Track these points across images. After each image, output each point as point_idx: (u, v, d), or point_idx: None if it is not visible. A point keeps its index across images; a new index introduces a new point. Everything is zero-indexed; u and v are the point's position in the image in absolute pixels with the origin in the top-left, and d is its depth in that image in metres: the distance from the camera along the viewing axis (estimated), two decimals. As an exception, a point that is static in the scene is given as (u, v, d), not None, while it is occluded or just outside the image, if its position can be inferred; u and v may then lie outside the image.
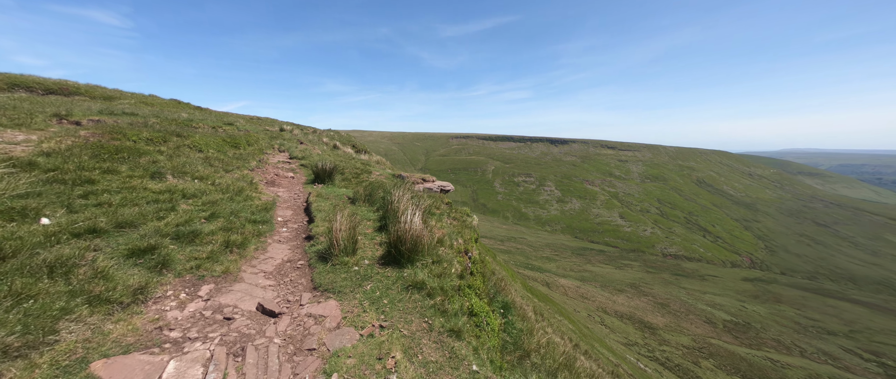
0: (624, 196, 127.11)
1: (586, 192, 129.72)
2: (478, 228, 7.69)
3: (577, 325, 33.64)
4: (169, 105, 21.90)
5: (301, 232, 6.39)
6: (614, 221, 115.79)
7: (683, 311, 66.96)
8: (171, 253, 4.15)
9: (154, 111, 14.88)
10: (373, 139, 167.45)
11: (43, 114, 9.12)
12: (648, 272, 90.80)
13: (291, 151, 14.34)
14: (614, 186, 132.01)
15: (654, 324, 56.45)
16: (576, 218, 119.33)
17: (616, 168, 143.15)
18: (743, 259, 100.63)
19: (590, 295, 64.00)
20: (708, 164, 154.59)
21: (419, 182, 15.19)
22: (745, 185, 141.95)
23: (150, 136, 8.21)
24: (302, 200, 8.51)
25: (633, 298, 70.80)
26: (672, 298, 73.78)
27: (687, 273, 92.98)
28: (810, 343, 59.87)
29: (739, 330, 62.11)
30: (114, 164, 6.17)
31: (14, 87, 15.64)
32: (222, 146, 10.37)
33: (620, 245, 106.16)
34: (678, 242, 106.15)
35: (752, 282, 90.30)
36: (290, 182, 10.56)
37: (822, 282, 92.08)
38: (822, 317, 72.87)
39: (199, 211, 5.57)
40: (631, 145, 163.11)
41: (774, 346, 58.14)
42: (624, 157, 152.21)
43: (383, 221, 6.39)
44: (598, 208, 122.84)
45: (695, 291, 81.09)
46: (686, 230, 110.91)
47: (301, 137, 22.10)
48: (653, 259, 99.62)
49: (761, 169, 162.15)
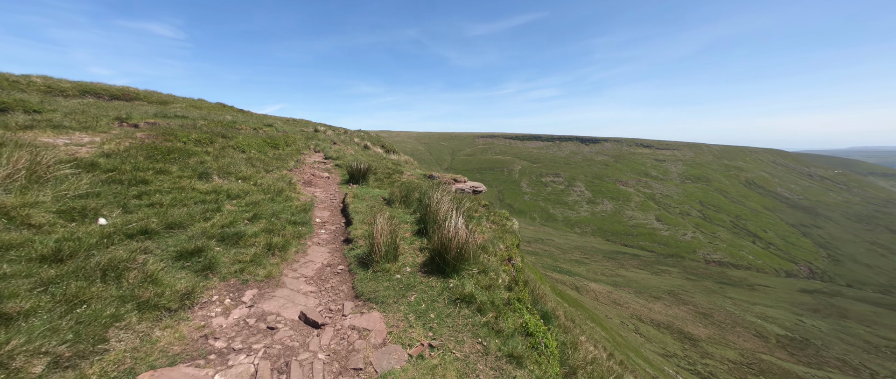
0: (661, 197, 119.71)
1: (619, 193, 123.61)
2: (519, 232, 7.23)
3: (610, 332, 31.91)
4: (215, 108, 23.21)
5: (339, 234, 6.26)
6: (650, 224, 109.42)
7: (729, 322, 61.81)
8: (216, 256, 4.10)
9: (202, 114, 15.71)
10: (400, 139, 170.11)
11: (106, 117, 9.76)
12: (689, 279, 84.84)
13: (326, 152, 14.56)
14: (650, 187, 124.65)
15: (696, 335, 52.51)
16: (607, 220, 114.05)
17: (653, 168, 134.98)
18: (800, 268, 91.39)
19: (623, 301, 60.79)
20: (758, 164, 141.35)
21: (451, 182, 14.89)
22: (804, 187, 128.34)
23: (198, 138, 8.52)
24: (338, 201, 8.47)
25: (671, 306, 66.40)
26: (716, 307, 68.37)
27: (733, 282, 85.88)
28: (883, 365, 53.00)
29: (796, 346, 56.29)
30: (165, 165, 6.37)
31: (85, 94, 17.17)
32: (263, 147, 10.63)
33: (657, 249, 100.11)
34: (723, 248, 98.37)
35: (812, 294, 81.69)
36: (326, 182, 10.63)
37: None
38: (900, 336, 64.46)
39: (242, 211, 5.58)
40: (670, 144, 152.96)
41: (839, 366, 52.06)
42: (662, 157, 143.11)
43: (422, 225, 6.12)
44: (633, 210, 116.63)
45: (742, 302, 74.64)
46: (732, 235, 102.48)
47: (334, 138, 22.60)
48: (694, 265, 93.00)
49: (823, 169, 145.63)
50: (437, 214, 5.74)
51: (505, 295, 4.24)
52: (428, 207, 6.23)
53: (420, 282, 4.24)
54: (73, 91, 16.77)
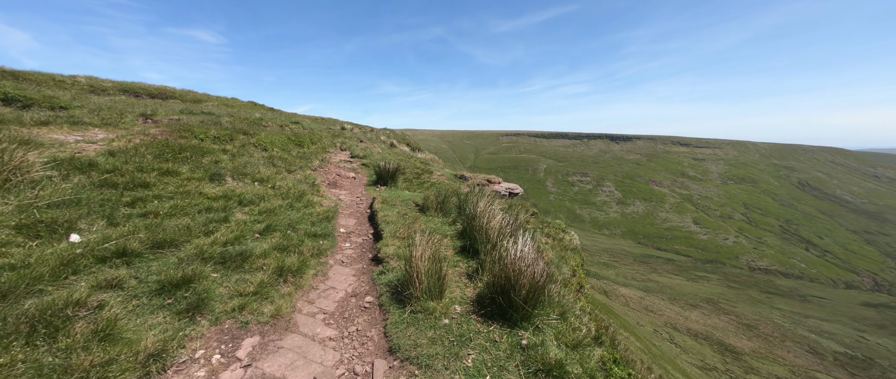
0: (699, 199, 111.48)
1: (652, 193, 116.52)
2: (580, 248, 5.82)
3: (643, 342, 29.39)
4: (246, 106, 23.23)
5: (367, 248, 5.18)
6: (687, 227, 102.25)
7: (777, 336, 56.11)
8: (210, 287, 3.07)
9: (231, 111, 15.38)
10: (423, 137, 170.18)
11: (132, 114, 9.32)
12: (730, 287, 78.26)
13: (352, 150, 13.71)
14: (687, 188, 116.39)
15: (739, 348, 47.93)
16: (639, 222, 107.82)
17: (690, 167, 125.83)
18: (863, 280, 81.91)
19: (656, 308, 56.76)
20: (814, 164, 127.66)
21: (484, 183, 13.56)
22: (869, 190, 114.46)
23: (217, 135, 7.78)
24: (365, 206, 7.45)
25: (710, 315, 61.33)
26: (762, 319, 62.42)
27: (782, 292, 78.38)
28: None
29: (857, 365, 50.05)
30: (175, 165, 5.55)
31: (124, 92, 17.44)
32: (287, 145, 9.84)
33: (694, 254, 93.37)
34: (770, 255, 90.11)
35: (876, 308, 72.86)
36: (352, 183, 9.68)
37: None
38: None
39: (254, 222, 4.60)
40: (710, 142, 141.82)
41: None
42: (700, 156, 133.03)
43: (466, 241, 4.90)
44: (667, 212, 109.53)
45: (793, 314, 67.77)
46: (781, 241, 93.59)
47: (361, 136, 21.91)
48: (736, 273, 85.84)
49: (891, 170, 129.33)
50: (489, 229, 4.49)
51: (597, 354, 2.93)
52: (473, 218, 4.99)
53: (477, 332, 3.01)
54: (113, 90, 17.04)
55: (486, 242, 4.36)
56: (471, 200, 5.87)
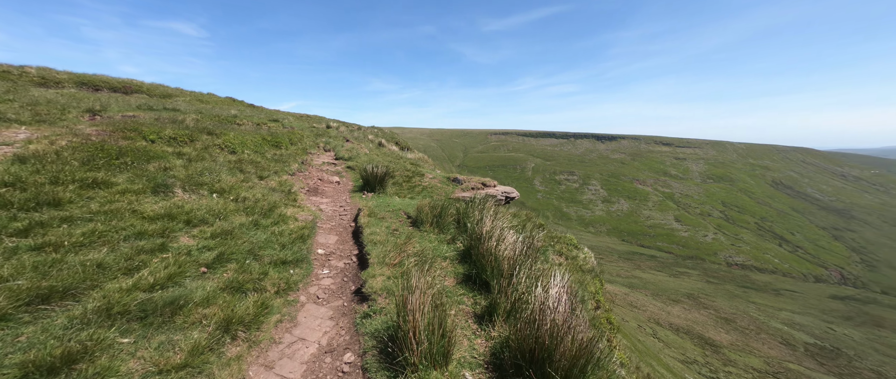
0: (681, 197, 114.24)
1: (636, 192, 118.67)
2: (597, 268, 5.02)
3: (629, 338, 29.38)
4: (222, 102, 21.62)
5: (349, 276, 4.22)
6: (669, 225, 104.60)
7: (753, 328, 57.86)
8: (112, 365, 2.07)
9: (203, 108, 13.99)
10: (412, 136, 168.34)
11: (77, 109, 7.98)
12: (709, 282, 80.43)
13: (337, 151, 12.58)
14: (669, 187, 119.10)
15: (718, 341, 49.12)
16: (623, 220, 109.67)
17: (672, 167, 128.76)
18: (831, 274, 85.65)
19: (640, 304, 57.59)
20: (787, 164, 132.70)
21: (479, 187, 12.70)
22: (837, 188, 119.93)
23: (173, 135, 6.59)
24: (350, 217, 6.45)
25: (690, 310, 62.73)
26: (739, 313, 64.27)
27: (758, 286, 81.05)
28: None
29: (826, 356, 52.14)
30: (107, 174, 4.41)
31: (82, 85, 15.71)
32: (261, 146, 8.68)
33: (675, 251, 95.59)
34: (747, 251, 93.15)
35: (844, 300, 76.28)
36: (336, 189, 8.63)
37: (942, 307, 75.43)
38: (942, 349, 59.15)
39: (202, 249, 3.56)
40: (691, 142, 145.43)
41: (873, 378, 47.92)
42: (682, 155, 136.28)
43: (470, 268, 4.01)
44: (650, 210, 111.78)
45: (768, 308, 70.10)
46: (757, 238, 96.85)
47: (347, 135, 20.69)
48: (715, 268, 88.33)
49: (858, 169, 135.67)
50: (499, 256, 3.61)
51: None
52: (479, 239, 4.11)
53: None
54: (69, 82, 15.30)
55: (497, 273, 3.48)
56: (472, 214, 4.99)
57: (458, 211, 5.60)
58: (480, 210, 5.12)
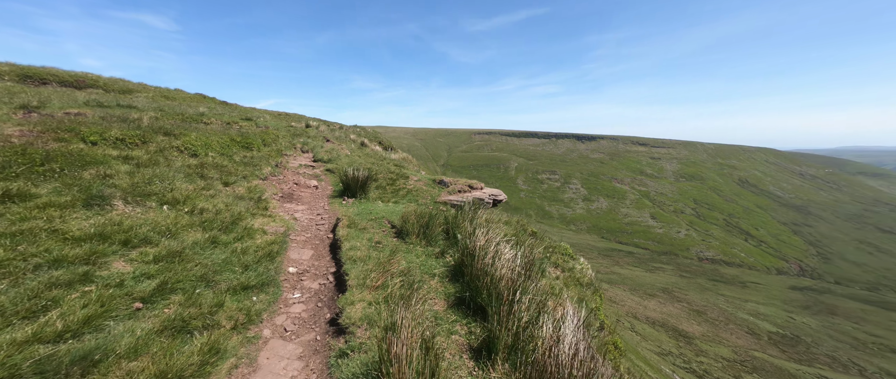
0: (656, 195, 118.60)
1: (615, 190, 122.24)
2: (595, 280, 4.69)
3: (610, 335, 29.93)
4: (191, 99, 20.15)
5: (324, 301, 3.66)
6: (645, 222, 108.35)
7: (722, 320, 60.77)
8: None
9: (168, 105, 12.81)
10: (396, 135, 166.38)
11: (9, 105, 6.92)
12: (682, 277, 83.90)
13: (316, 152, 11.80)
14: (646, 185, 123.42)
15: (690, 332, 51.26)
16: (603, 217, 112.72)
17: (648, 166, 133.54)
18: (791, 266, 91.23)
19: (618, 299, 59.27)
20: (752, 163, 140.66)
21: (466, 189, 12.28)
22: (795, 186, 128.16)
23: (121, 135, 5.75)
24: (328, 227, 5.84)
25: (665, 303, 65.18)
26: (709, 305, 67.34)
27: (726, 279, 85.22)
28: (871, 361, 52.40)
29: (787, 343, 55.50)
30: (26, 184, 3.64)
31: (27, 79, 14.10)
32: (229, 147, 7.87)
33: (651, 247, 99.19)
34: (716, 246, 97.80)
35: (802, 291, 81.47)
36: (313, 195, 7.95)
37: (886, 294, 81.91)
38: (886, 333, 64.10)
39: (139, 277, 2.91)
40: (665, 142, 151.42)
41: (828, 362, 51.32)
42: (657, 155, 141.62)
43: (463, 289, 3.55)
44: (628, 208, 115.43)
45: (735, 299, 73.83)
46: (725, 233, 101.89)
47: (327, 134, 19.76)
48: (687, 263, 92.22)
49: (814, 168, 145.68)
50: (496, 275, 3.17)
51: None
52: (472, 255, 3.65)
53: None
54: (11, 75, 13.69)
55: (495, 297, 3.04)
56: (463, 225, 4.54)
57: (446, 220, 5.13)
58: (471, 220, 4.67)
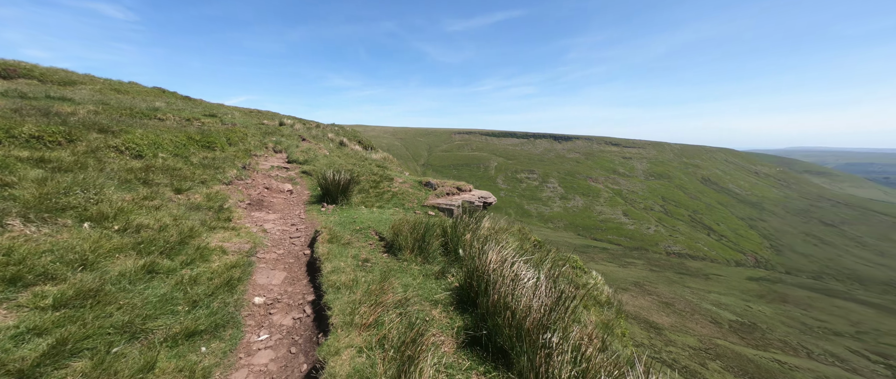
0: (628, 193, 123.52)
1: (590, 189, 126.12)
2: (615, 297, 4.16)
3: None
4: (147, 93, 18.14)
5: (300, 344, 2.86)
6: (618, 219, 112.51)
7: (689, 310, 64.04)
8: None
9: (117, 99, 11.22)
10: (375, 134, 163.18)
11: None
12: (652, 270, 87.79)
13: (291, 152, 10.69)
14: (618, 184, 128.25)
15: (660, 324, 53.59)
16: (579, 215, 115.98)
17: (620, 165, 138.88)
18: (748, 258, 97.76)
19: (597, 295, 60.86)
20: (713, 163, 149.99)
21: (454, 192, 11.61)
22: (751, 184, 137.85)
23: (38, 132, 4.57)
24: (304, 240, 4.96)
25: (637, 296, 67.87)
26: (677, 297, 70.79)
27: (691, 272, 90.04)
28: (817, 344, 57.08)
29: (745, 330, 59.31)
30: None
31: (-62, 67, 11.94)
32: (185, 147, 6.73)
33: (624, 243, 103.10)
34: (682, 241, 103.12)
35: (758, 281, 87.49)
36: (287, 201, 6.97)
37: (828, 282, 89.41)
38: (829, 318, 70.09)
39: (21, 338, 1.99)
40: (635, 142, 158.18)
41: (781, 347, 55.34)
42: (628, 155, 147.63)
43: (473, 322, 2.88)
44: (602, 206, 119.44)
45: (699, 291, 78.08)
46: (690, 229, 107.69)
47: (303, 133, 18.43)
48: (656, 257, 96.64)
49: (767, 167, 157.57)
50: (512, 305, 2.52)
51: None
52: (483, 279, 2.99)
53: None
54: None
55: (519, 336, 2.38)
56: (464, 237, 3.86)
57: (444, 231, 4.44)
58: (473, 231, 4.00)
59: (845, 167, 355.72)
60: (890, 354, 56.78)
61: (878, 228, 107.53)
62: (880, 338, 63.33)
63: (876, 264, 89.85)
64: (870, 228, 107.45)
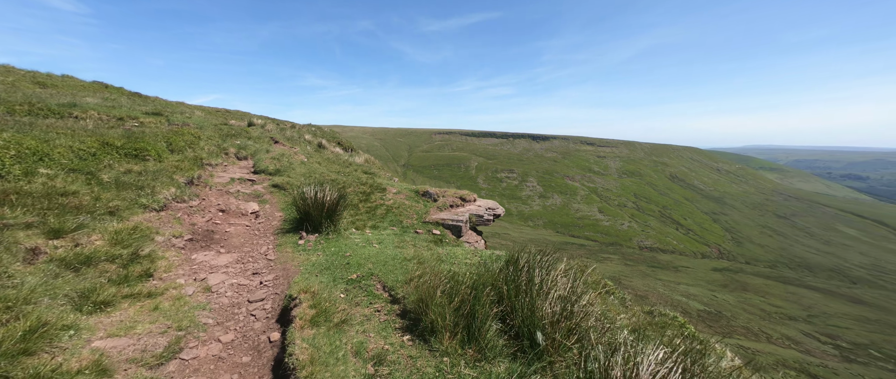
0: (602, 191, 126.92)
1: (567, 187, 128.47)
2: None
3: None
4: (83, 87, 15.04)
5: None
6: (594, 216, 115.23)
7: (661, 302, 66.02)
8: None
9: (30, 92, 8.59)
10: (354, 135, 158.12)
11: None
12: (627, 265, 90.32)
13: (259, 159, 8.54)
14: (593, 182, 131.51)
15: None
16: (557, 213, 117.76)
17: (595, 164, 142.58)
18: (712, 250, 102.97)
19: (578, 292, 61.60)
20: (680, 161, 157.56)
21: (457, 203, 9.92)
22: (714, 180, 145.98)
23: None
24: (272, 310, 3.10)
25: (615, 291, 69.18)
26: (650, 290, 72.97)
27: (662, 265, 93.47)
28: (775, 329, 60.64)
29: (712, 319, 61.96)
30: None
31: None
32: (94, 158, 4.60)
33: (600, 239, 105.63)
34: (653, 235, 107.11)
35: (721, 272, 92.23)
36: (250, 231, 5.01)
37: (783, 270, 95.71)
38: (784, 303, 74.92)
39: None
40: (609, 142, 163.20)
41: (744, 333, 58.25)
42: (602, 154, 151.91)
43: None
44: (579, 203, 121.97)
45: (670, 283, 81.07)
46: (660, 223, 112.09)
47: (276, 134, 16.03)
48: (630, 252, 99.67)
49: (727, 164, 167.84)
50: None
51: None
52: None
53: None
54: None
55: None
56: (542, 308, 2.25)
57: (498, 292, 2.79)
58: (547, 289, 2.35)
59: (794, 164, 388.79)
60: (837, 335, 61.04)
61: (823, 219, 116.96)
62: (828, 320, 68.12)
63: (822, 252, 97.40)
64: (816, 219, 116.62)
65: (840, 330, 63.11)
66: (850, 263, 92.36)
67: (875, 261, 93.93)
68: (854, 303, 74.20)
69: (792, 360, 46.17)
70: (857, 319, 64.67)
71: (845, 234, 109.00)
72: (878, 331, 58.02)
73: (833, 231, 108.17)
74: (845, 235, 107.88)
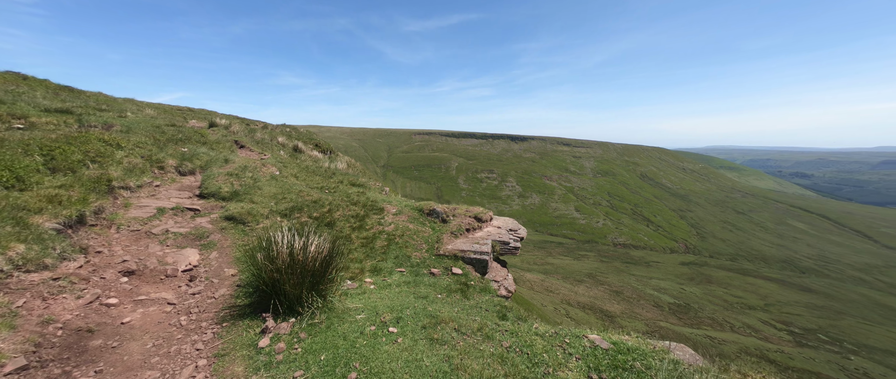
0: (578, 190, 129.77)
1: (545, 187, 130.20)
2: None
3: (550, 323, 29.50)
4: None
5: None
6: (571, 214, 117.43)
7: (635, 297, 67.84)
8: None
9: None
10: (331, 135, 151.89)
11: None
12: (602, 262, 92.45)
13: (208, 176, 6.19)
14: (570, 181, 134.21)
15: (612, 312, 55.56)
16: (536, 212, 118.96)
17: (571, 164, 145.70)
18: (679, 245, 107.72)
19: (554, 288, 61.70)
20: (649, 160, 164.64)
21: (473, 225, 8.00)
22: (680, 179, 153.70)
23: None
24: None
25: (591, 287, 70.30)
26: (625, 285, 74.82)
27: (635, 261, 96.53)
28: (737, 318, 63.95)
29: (682, 311, 64.31)
30: None
31: None
32: None
33: (576, 237, 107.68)
34: (626, 232, 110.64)
35: (688, 266, 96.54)
36: (165, 323, 2.89)
37: (742, 263, 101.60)
38: (744, 294, 79.45)
39: None
40: (584, 142, 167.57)
41: (711, 324, 60.89)
42: (578, 154, 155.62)
43: None
44: (556, 202, 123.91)
45: (643, 277, 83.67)
46: (633, 221, 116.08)
47: (242, 137, 13.37)
48: (605, 249, 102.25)
49: (691, 164, 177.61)
50: None
51: None
52: None
53: None
54: None
55: None
56: None
57: None
58: None
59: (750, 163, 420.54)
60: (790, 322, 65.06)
61: (776, 214, 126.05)
62: (783, 308, 72.58)
63: (776, 245, 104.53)
64: (770, 215, 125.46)
65: (793, 317, 67.30)
66: (800, 255, 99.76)
67: (820, 252, 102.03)
68: (803, 291, 79.76)
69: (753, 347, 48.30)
70: (806, 306, 69.34)
71: (795, 228, 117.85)
72: (825, 317, 62.40)
73: (785, 225, 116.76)
74: (795, 229, 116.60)
